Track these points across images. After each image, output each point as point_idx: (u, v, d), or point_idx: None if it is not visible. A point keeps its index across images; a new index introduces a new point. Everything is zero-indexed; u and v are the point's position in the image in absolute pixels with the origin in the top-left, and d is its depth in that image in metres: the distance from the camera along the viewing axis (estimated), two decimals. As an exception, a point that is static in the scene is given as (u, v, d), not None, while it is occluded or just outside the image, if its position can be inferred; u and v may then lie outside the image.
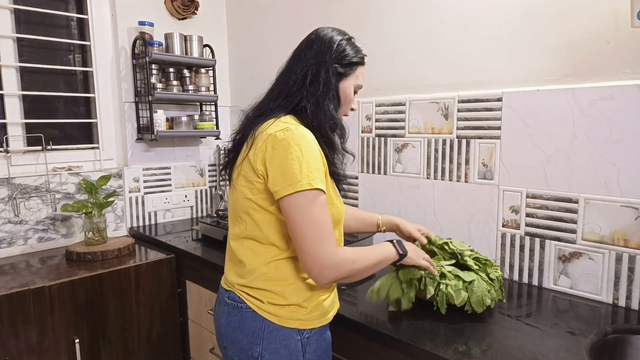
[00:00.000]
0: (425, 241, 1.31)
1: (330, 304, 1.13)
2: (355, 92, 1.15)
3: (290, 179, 0.96)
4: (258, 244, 1.06)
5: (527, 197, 1.45)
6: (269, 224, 1.04)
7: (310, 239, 0.97)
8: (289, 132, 0.99)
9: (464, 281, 1.19)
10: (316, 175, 0.98)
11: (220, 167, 1.22)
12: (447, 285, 1.19)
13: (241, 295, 1.08)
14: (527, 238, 1.47)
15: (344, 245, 1.18)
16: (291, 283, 1.05)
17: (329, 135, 1.06)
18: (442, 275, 1.22)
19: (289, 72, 1.10)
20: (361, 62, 1.14)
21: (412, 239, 1.32)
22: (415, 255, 1.18)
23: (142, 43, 2.15)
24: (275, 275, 1.05)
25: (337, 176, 1.09)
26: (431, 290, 1.20)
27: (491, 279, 1.25)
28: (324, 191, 0.99)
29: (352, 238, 1.70)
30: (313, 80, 1.06)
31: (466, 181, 1.61)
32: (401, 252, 1.14)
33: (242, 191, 1.06)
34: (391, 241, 1.16)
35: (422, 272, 1.21)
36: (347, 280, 1.04)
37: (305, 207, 0.97)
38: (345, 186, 1.99)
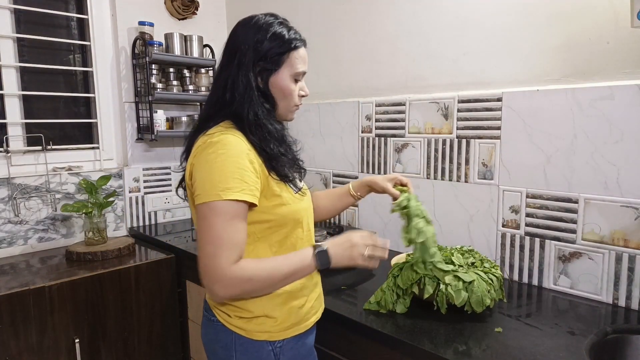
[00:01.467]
0: (397, 194, 1.25)
1: (308, 310, 1.09)
2: (297, 80, 1.07)
3: (201, 188, 0.93)
4: None
5: (527, 197, 1.45)
6: None
7: (204, 251, 0.93)
8: (209, 141, 0.96)
9: (464, 281, 1.19)
10: (232, 184, 0.92)
11: (176, 190, 1.18)
12: (447, 285, 1.19)
13: (213, 309, 1.08)
14: (527, 238, 1.47)
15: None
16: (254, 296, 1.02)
17: (257, 140, 0.99)
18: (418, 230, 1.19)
19: (217, 77, 1.07)
20: (292, 49, 1.04)
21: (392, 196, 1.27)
22: (349, 256, 1.03)
23: (142, 43, 2.15)
24: None
25: (282, 178, 1.02)
26: (429, 290, 1.20)
27: (490, 278, 1.24)
28: (242, 201, 0.93)
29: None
30: (235, 84, 1.02)
31: (466, 181, 1.61)
32: (319, 266, 1.01)
33: (191, 206, 1.05)
34: (314, 248, 1.02)
35: (420, 274, 1.21)
36: (250, 295, 0.99)
37: (207, 218, 0.92)
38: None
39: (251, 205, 0.96)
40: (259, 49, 1.02)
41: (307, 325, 1.09)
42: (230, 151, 0.94)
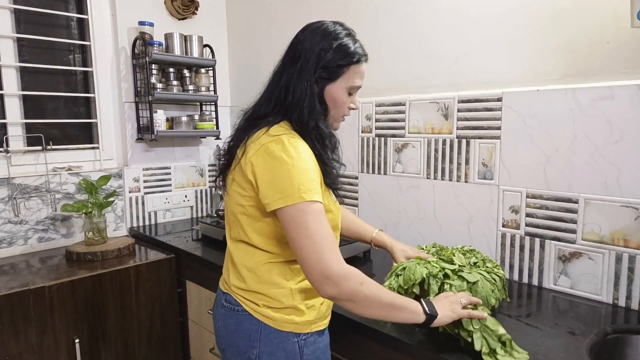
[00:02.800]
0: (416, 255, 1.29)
1: (326, 309, 1.13)
2: (351, 94, 1.11)
3: (281, 192, 0.94)
4: (251, 247, 1.06)
5: (527, 197, 1.45)
6: (259, 230, 1.04)
7: (307, 248, 0.93)
8: (280, 144, 0.97)
9: (468, 282, 1.19)
10: (309, 186, 0.95)
11: (215, 175, 1.19)
12: (451, 285, 1.19)
13: (237, 298, 1.08)
14: (527, 238, 1.47)
15: (342, 244, 1.18)
16: (284, 287, 1.04)
17: (315, 146, 1.03)
18: (446, 276, 1.20)
19: (277, 77, 1.08)
20: (353, 63, 1.07)
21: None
22: (450, 312, 1.02)
23: (142, 43, 2.15)
24: (269, 278, 1.05)
25: (329, 186, 1.07)
26: (435, 289, 1.18)
27: (493, 277, 1.24)
28: (319, 201, 0.96)
29: (350, 239, 1.68)
30: (295, 89, 1.03)
31: (466, 181, 1.61)
32: (429, 313, 0.99)
33: (234, 197, 1.06)
34: (419, 300, 1.02)
35: (424, 275, 1.20)
36: (353, 304, 0.94)
37: (297, 219, 0.94)
38: (344, 186, 2.00)
39: None
40: (322, 57, 1.04)
41: (325, 323, 1.12)
42: (302, 154, 0.97)
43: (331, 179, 1.06)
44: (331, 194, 1.10)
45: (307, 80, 1.03)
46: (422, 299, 1.03)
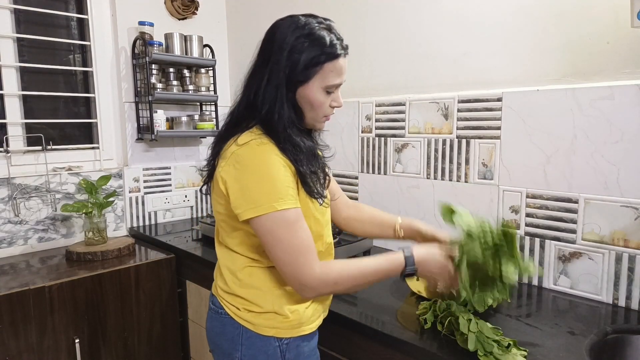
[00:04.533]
0: (446, 236, 1.15)
1: (312, 313, 1.08)
2: (330, 92, 1.02)
3: (252, 202, 0.93)
4: (232, 252, 1.06)
5: (527, 197, 1.45)
6: (238, 237, 1.04)
7: (283, 261, 0.95)
8: (250, 150, 0.94)
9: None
10: (280, 194, 0.92)
11: (199, 187, 1.19)
12: None
13: (221, 301, 1.08)
14: (527, 238, 1.47)
15: (342, 244, 1.17)
16: (266, 291, 1.04)
17: (288, 153, 0.97)
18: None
19: (249, 78, 1.04)
20: (327, 61, 0.98)
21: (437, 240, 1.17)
22: (428, 275, 1.04)
23: (142, 43, 2.15)
24: (250, 282, 1.04)
25: (308, 194, 1.00)
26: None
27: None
28: (292, 207, 0.94)
29: (352, 238, 1.69)
30: (265, 94, 0.98)
31: (466, 181, 1.61)
32: (407, 271, 1.01)
33: (214, 204, 1.06)
34: (403, 250, 1.03)
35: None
36: (334, 293, 1.01)
37: (271, 230, 0.93)
38: (345, 186, 2.00)
39: None
40: (292, 57, 0.97)
41: (312, 327, 1.09)
42: (271, 160, 0.93)
43: (309, 188, 1.00)
44: (316, 200, 1.04)
45: (277, 84, 0.97)
46: (406, 254, 1.01)
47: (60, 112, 2.16)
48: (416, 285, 1.35)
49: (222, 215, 1.04)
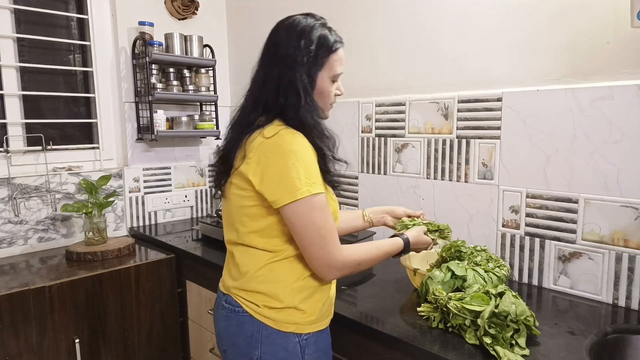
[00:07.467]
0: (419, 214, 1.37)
1: (327, 308, 1.13)
2: (334, 81, 1.12)
3: (288, 187, 0.96)
4: (252, 249, 1.07)
5: (527, 197, 1.45)
6: (262, 230, 1.04)
7: (315, 244, 0.99)
8: (281, 139, 0.98)
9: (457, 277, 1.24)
10: (314, 179, 0.99)
11: (211, 185, 1.23)
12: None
13: (237, 299, 1.08)
14: (527, 238, 1.47)
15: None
16: (286, 285, 1.05)
17: (316, 143, 1.03)
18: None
19: (259, 82, 1.08)
20: (332, 52, 1.08)
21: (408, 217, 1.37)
22: (417, 248, 1.25)
23: (142, 43, 2.15)
24: (270, 277, 1.05)
25: (329, 183, 1.08)
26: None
27: (490, 277, 1.24)
28: (323, 192, 1.00)
29: (353, 238, 1.70)
30: (288, 88, 1.03)
31: (466, 181, 1.61)
32: (404, 249, 1.20)
33: (234, 200, 1.06)
34: (400, 235, 1.21)
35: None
36: (352, 273, 1.10)
37: (306, 214, 0.98)
38: (345, 186, 2.00)
39: None
40: (305, 53, 1.04)
41: (327, 322, 1.13)
42: (303, 146, 0.99)
43: (330, 177, 1.07)
44: (329, 188, 1.12)
45: (296, 79, 1.03)
46: (404, 239, 1.20)
47: (60, 112, 2.16)
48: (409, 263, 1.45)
49: (248, 208, 1.04)
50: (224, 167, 1.09)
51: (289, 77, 1.03)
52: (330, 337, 1.16)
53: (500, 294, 1.10)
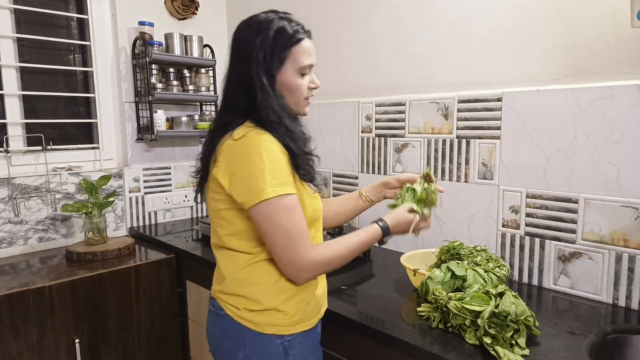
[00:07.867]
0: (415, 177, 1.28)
1: (314, 308, 1.11)
2: (304, 74, 1.08)
3: (254, 188, 0.95)
4: (231, 251, 1.07)
5: (527, 197, 1.45)
6: (239, 233, 1.04)
7: (281, 246, 0.98)
8: (247, 140, 0.98)
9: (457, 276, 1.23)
10: (281, 179, 0.97)
11: (194, 190, 1.22)
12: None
13: (221, 303, 1.09)
14: (527, 238, 1.47)
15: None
16: (266, 287, 1.04)
17: (284, 140, 1.01)
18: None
19: (227, 84, 1.08)
20: (293, 44, 1.04)
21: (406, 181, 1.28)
22: (403, 230, 1.15)
23: (142, 43, 2.15)
24: (250, 280, 1.05)
25: (303, 179, 1.06)
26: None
27: (490, 277, 1.25)
28: (291, 193, 0.98)
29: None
30: (249, 88, 1.02)
31: (466, 181, 1.61)
32: (384, 236, 1.11)
33: (211, 204, 1.08)
34: (377, 223, 1.12)
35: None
36: (328, 272, 1.07)
37: (272, 216, 0.96)
38: (345, 186, 2.00)
39: None
40: (262, 49, 1.02)
41: (313, 322, 1.11)
42: (270, 147, 0.97)
43: (305, 172, 1.05)
44: (308, 185, 1.09)
45: (256, 78, 1.02)
46: (381, 224, 1.11)
47: (60, 112, 2.16)
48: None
49: (222, 211, 1.04)
50: (202, 171, 1.11)
51: (249, 75, 1.02)
52: (320, 336, 1.15)
53: (500, 294, 1.10)
